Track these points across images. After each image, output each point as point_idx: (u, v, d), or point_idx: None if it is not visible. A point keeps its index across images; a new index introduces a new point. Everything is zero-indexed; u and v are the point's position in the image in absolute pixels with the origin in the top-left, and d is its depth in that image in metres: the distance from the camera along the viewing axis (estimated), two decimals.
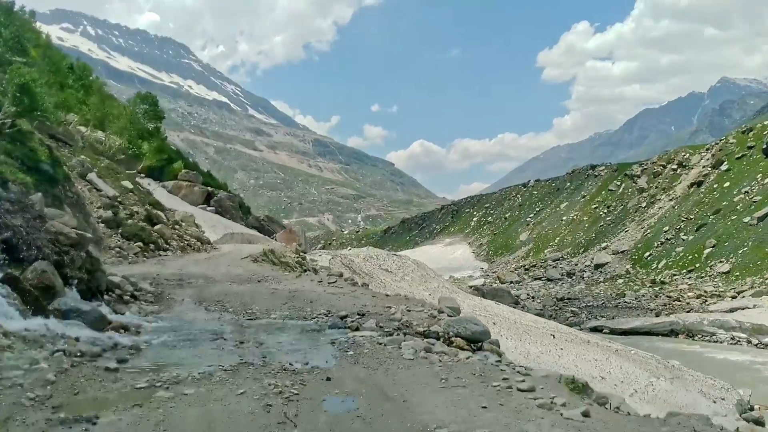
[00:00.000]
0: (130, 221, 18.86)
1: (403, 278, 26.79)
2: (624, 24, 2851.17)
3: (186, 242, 22.42)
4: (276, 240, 34.53)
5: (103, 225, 17.38)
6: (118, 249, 16.65)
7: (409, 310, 11.00)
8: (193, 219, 31.64)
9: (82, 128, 27.83)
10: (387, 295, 13.23)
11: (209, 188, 51.60)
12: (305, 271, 20.47)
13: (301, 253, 22.86)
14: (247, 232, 36.90)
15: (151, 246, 18.80)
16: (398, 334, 9.19)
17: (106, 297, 8.78)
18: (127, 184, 21.95)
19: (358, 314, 10.27)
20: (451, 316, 11.03)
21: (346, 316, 10.03)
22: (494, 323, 24.20)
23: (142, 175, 43.56)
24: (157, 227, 20.36)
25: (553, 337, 25.11)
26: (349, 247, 72.13)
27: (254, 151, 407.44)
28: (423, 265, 30.98)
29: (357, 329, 9.38)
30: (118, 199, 19.77)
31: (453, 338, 9.20)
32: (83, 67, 22.23)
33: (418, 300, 13.20)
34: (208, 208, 46.13)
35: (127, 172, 26.02)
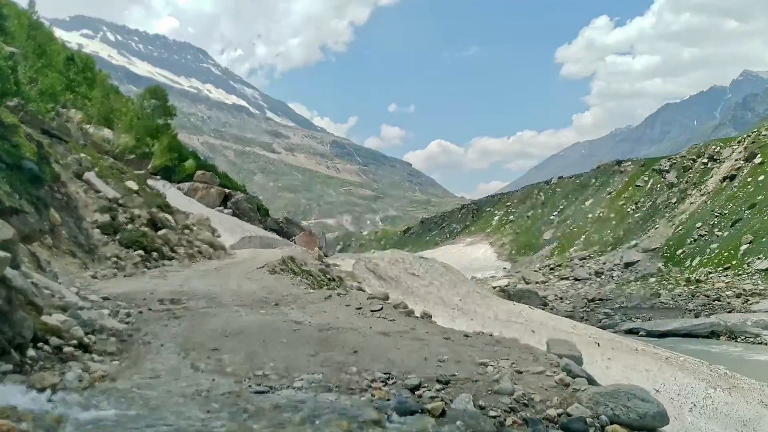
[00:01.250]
0: (129, 226, 16.99)
1: (431, 283, 25.13)
2: (644, 18, 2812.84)
3: (196, 248, 20.69)
4: (295, 243, 33.01)
5: (98, 231, 15.59)
6: (114, 259, 14.80)
7: (520, 371, 6.85)
8: (208, 222, 30.27)
9: (89, 126, 26.33)
10: (467, 336, 9.00)
11: (226, 190, 50.41)
12: (332, 284, 18.40)
13: (325, 260, 21.09)
14: (266, 235, 35.55)
15: (154, 254, 16.85)
16: (516, 424, 5.43)
17: (31, 352, 5.34)
18: (132, 184, 20.43)
19: (439, 382, 6.27)
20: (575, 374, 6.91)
21: (418, 386, 6.12)
22: (533, 331, 22.57)
23: (158, 177, 42.40)
24: (161, 232, 18.44)
25: (598, 345, 23.39)
26: (372, 250, 70.59)
27: (273, 154, 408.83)
28: (451, 268, 29.24)
29: (442, 414, 5.41)
30: (120, 202, 18.00)
31: (609, 427, 5.50)
32: (85, 59, 20.58)
33: (522, 346, 8.43)
34: (225, 211, 44.90)
35: (136, 172, 24.38)
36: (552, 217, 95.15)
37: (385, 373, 6.49)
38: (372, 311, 10.79)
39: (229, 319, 9.36)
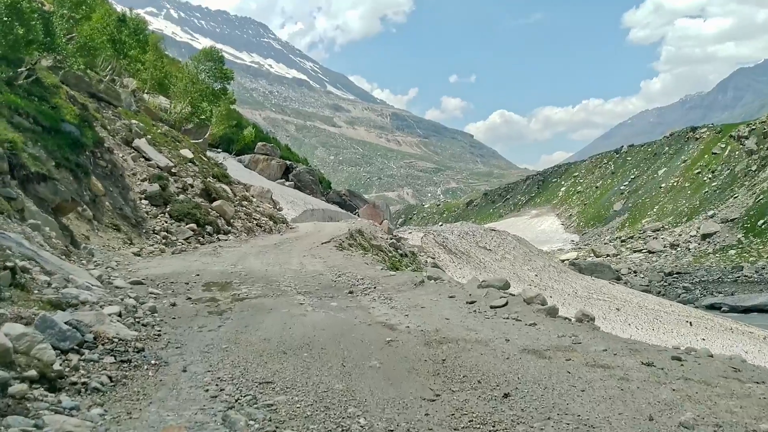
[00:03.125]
0: (181, 197, 15.48)
1: (504, 257, 23.37)
2: None
3: (255, 222, 19.15)
4: (359, 216, 31.74)
5: (146, 202, 14.14)
6: (164, 233, 13.34)
7: None
8: (269, 195, 29.38)
9: (145, 95, 25.74)
10: (677, 360, 5.96)
11: (288, 162, 49.60)
12: (404, 260, 16.60)
13: (395, 233, 19.55)
14: (328, 208, 34.48)
15: (208, 228, 15.29)
16: None
17: None
18: (187, 152, 19.11)
19: None
20: None
21: None
22: (618, 308, 20.64)
23: (218, 149, 41.76)
24: (216, 204, 16.87)
25: (690, 324, 21.24)
26: (440, 222, 68.92)
27: (333, 128, 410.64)
28: (524, 241, 27.39)
29: None
30: (173, 170, 16.48)
31: None
32: (137, 20, 19.33)
33: None
34: (287, 183, 44.15)
35: (193, 141, 23.22)
36: (622, 188, 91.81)
37: None
38: (493, 308, 7.95)
39: (289, 317, 7.06)
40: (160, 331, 5.84)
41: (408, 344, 6.04)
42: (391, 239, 18.57)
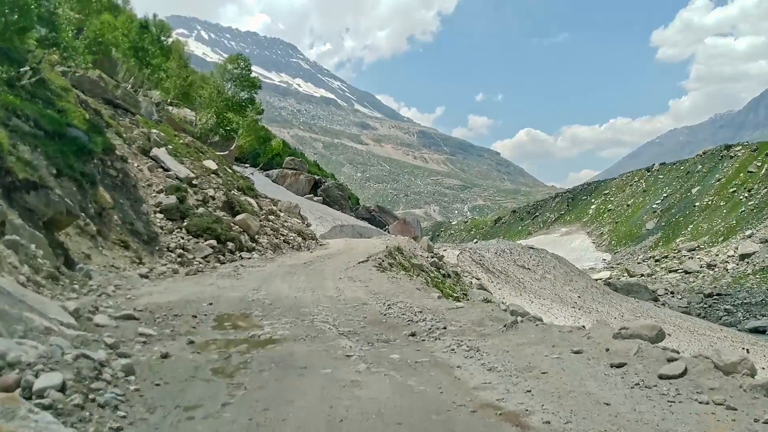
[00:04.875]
0: (200, 209, 14.01)
1: (543, 276, 21.92)
2: None
3: (282, 238, 17.73)
4: (389, 232, 30.55)
5: (161, 216, 12.72)
6: (180, 251, 11.93)
7: None
8: (298, 210, 28.39)
9: (170, 108, 24.06)
10: None
11: (315, 176, 48.71)
12: (447, 281, 14.91)
13: (435, 252, 18.04)
14: (358, 224, 33.34)
15: (229, 245, 13.80)
16: None
17: None
18: (211, 164, 17.76)
19: None
20: None
21: None
22: (669, 334, 19.23)
23: (246, 165, 40.99)
24: (240, 218, 15.38)
25: (747, 351, 19.67)
26: (474, 240, 67.47)
27: (360, 145, 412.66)
28: (564, 260, 25.90)
29: None
30: (193, 182, 15.17)
31: None
32: (161, 25, 18.27)
33: None
34: (315, 198, 43.19)
35: (219, 153, 22.04)
36: (654, 206, 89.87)
37: None
38: (664, 378, 5.23)
39: (334, 388, 4.69)
40: (120, 426, 3.69)
41: None
42: (432, 258, 17.15)
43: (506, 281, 19.84)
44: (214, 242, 13.27)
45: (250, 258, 14.13)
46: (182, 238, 12.62)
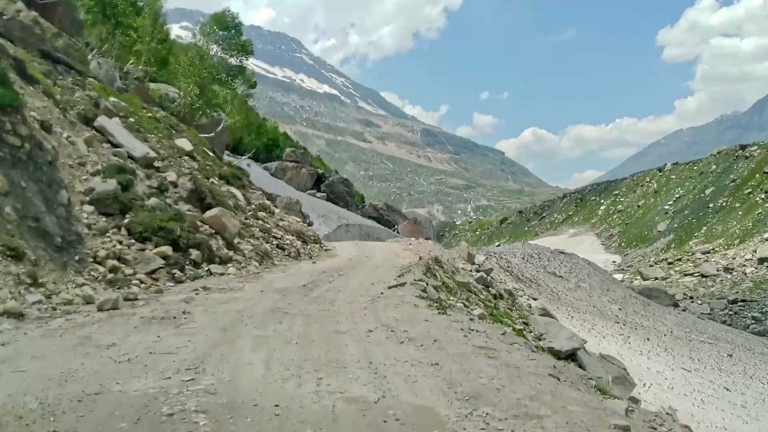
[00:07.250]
0: (153, 200, 10.10)
1: (578, 285, 19.55)
2: None
3: (276, 241, 14.13)
4: (398, 233, 28.38)
5: (91, 209, 9.03)
6: (112, 263, 8.22)
7: None
8: (299, 206, 26.18)
9: (152, 84, 20.62)
10: None
11: (319, 170, 46.39)
12: (499, 303, 11.30)
13: (477, 262, 15.04)
14: (365, 223, 30.88)
15: (193, 254, 9.79)
16: None
17: None
18: (185, 143, 14.12)
19: None
20: None
21: None
22: (729, 354, 16.77)
23: (242, 156, 38.70)
24: (210, 214, 11.27)
25: None
26: (496, 242, 65.60)
27: (364, 143, 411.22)
28: (597, 266, 23.63)
29: None
30: (155, 164, 11.50)
31: None
32: None
33: None
34: (318, 194, 40.88)
35: (202, 135, 18.51)
36: (666, 207, 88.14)
37: None
38: None
39: None
40: None
41: None
42: (478, 272, 13.70)
43: (538, 291, 17.44)
44: (167, 250, 9.24)
45: (222, 274, 10.11)
46: (120, 243, 8.91)
